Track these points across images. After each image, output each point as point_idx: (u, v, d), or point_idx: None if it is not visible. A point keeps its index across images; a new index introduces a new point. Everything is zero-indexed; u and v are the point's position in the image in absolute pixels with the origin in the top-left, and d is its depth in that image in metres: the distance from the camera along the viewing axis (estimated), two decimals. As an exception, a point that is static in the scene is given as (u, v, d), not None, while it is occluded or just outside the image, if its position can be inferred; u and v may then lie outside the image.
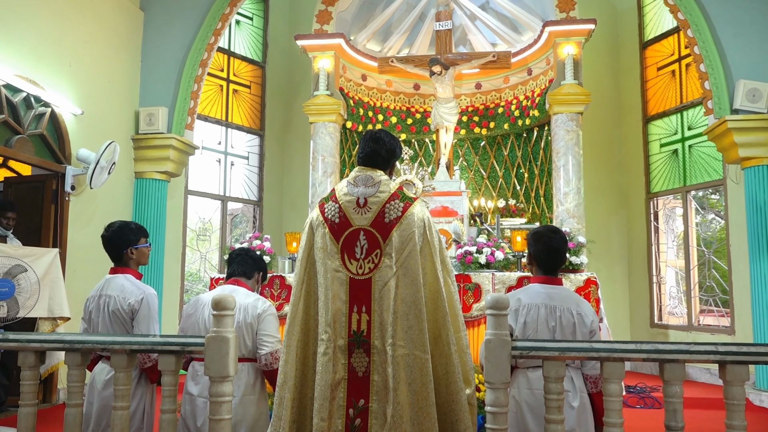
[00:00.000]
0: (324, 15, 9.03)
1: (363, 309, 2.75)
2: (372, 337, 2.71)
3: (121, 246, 3.26)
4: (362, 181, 2.89)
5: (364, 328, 2.73)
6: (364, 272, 2.77)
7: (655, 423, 5.47)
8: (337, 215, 2.85)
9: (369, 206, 2.83)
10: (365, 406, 2.67)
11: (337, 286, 2.76)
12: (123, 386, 2.52)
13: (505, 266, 5.70)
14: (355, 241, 2.80)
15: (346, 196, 2.88)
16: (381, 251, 2.77)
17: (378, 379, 2.68)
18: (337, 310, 2.74)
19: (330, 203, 2.90)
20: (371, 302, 2.75)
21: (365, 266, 2.78)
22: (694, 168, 8.39)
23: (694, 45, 7.22)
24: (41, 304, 5.54)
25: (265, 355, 3.09)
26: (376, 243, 2.79)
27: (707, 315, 8.27)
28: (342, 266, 2.78)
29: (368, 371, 2.70)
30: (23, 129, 5.99)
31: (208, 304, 3.12)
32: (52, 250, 5.85)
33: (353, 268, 2.78)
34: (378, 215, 2.81)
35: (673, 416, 2.23)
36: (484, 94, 9.86)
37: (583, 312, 2.81)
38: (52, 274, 5.68)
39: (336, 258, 2.80)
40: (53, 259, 5.72)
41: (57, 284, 5.72)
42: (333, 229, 2.83)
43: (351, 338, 2.73)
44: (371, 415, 2.66)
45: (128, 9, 7.71)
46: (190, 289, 9.08)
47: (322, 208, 2.92)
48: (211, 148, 9.44)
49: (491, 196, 9.70)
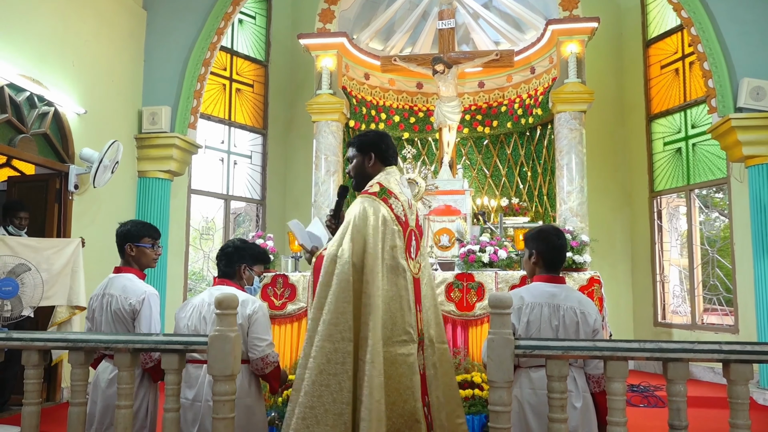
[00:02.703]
0: (327, 14, 9.03)
1: (418, 307, 2.90)
2: (424, 334, 2.90)
3: (121, 240, 3.26)
4: (404, 182, 3.07)
5: (420, 326, 2.89)
6: (415, 272, 2.93)
7: (659, 422, 5.46)
8: (402, 214, 2.92)
9: (412, 207, 3.00)
10: (428, 401, 2.82)
11: (410, 287, 2.86)
12: (126, 385, 2.52)
13: (508, 265, 5.69)
14: (411, 241, 2.94)
15: (401, 195, 2.96)
16: (421, 251, 2.99)
17: (431, 373, 2.87)
18: (414, 310, 2.85)
19: (394, 200, 2.89)
20: (421, 300, 2.93)
21: (416, 266, 2.94)
22: (698, 166, 8.37)
23: (698, 43, 7.19)
24: (61, 292, 5.77)
25: (256, 359, 2.97)
26: (419, 243, 2.99)
27: (711, 314, 8.26)
28: (408, 266, 2.88)
29: (424, 366, 2.86)
30: (27, 128, 6.01)
31: (196, 307, 3.07)
32: (74, 240, 6.00)
33: (412, 267, 2.91)
34: (417, 216, 3.02)
35: (677, 415, 2.23)
36: (487, 93, 9.85)
37: (587, 311, 2.80)
38: (73, 263, 5.85)
39: (405, 258, 2.88)
40: (75, 249, 5.89)
41: (77, 274, 5.87)
42: (402, 228, 2.89)
43: (419, 336, 2.87)
44: (432, 408, 2.83)
45: (131, 8, 7.72)
46: (193, 288, 9.10)
47: (388, 203, 2.86)
48: (214, 147, 9.45)
49: (494, 194, 9.69)
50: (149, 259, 3.33)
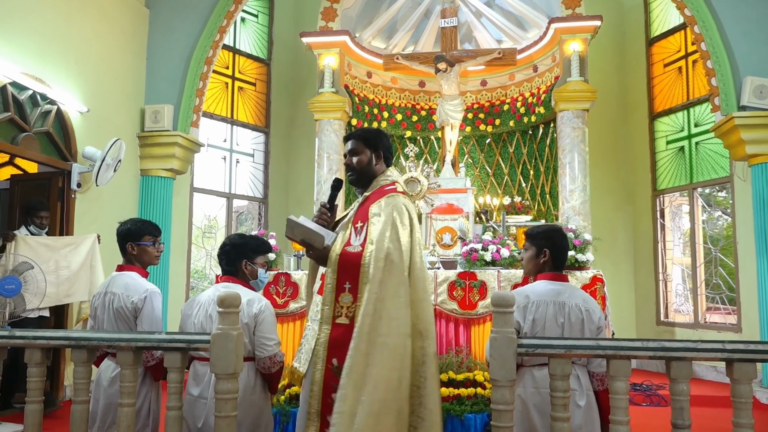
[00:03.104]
0: (329, 12, 9.02)
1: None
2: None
3: (122, 240, 3.27)
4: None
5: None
6: None
7: (662, 421, 5.46)
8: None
9: None
10: None
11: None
12: (129, 383, 2.52)
13: (510, 263, 5.68)
14: None
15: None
16: None
17: None
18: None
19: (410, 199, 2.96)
20: None
21: None
22: (701, 165, 8.36)
23: (701, 41, 7.18)
24: (83, 288, 5.88)
25: (264, 358, 3.00)
26: None
27: (714, 313, 8.24)
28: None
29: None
30: (29, 127, 6.01)
31: (203, 305, 3.08)
32: (90, 236, 6.10)
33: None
34: None
35: (680, 414, 2.22)
36: (490, 91, 9.83)
37: (591, 308, 2.81)
38: (91, 259, 5.97)
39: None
40: (92, 245, 6.01)
41: (96, 269, 5.97)
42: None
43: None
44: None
45: (134, 7, 7.72)
46: (195, 287, 9.11)
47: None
48: (217, 146, 9.45)
49: (497, 193, 9.68)
50: (151, 257, 3.33)
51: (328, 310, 2.69)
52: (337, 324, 2.67)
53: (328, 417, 2.55)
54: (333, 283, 2.69)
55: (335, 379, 2.54)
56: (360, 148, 2.98)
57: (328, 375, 2.62)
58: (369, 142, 2.99)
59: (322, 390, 2.62)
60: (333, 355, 2.63)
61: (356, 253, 2.70)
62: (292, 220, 2.77)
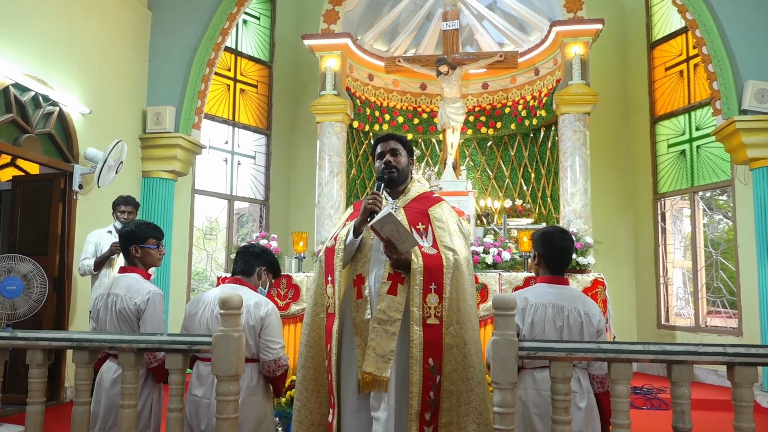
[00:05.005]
0: (331, 15, 9.03)
1: None
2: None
3: (126, 242, 3.27)
4: None
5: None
6: None
7: (663, 424, 5.46)
8: None
9: None
10: None
11: None
12: (130, 385, 2.53)
13: (511, 266, 5.69)
14: None
15: None
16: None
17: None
18: None
19: None
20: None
21: None
22: (702, 169, 8.36)
23: (703, 45, 7.18)
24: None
25: (269, 362, 3.02)
26: None
27: (714, 316, 8.24)
28: None
29: None
30: (31, 128, 6.02)
31: (209, 304, 3.10)
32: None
33: None
34: None
35: (681, 418, 2.22)
36: (491, 94, 9.84)
37: (591, 312, 2.81)
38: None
39: None
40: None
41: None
42: None
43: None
44: None
45: (136, 8, 7.73)
46: (196, 288, 9.11)
47: None
48: (218, 148, 9.47)
49: (498, 196, 9.68)
50: (154, 259, 3.34)
51: (418, 312, 2.80)
52: (428, 324, 2.81)
53: (426, 415, 2.75)
54: (420, 285, 2.81)
55: (432, 378, 2.76)
56: (402, 150, 3.13)
57: (426, 375, 2.77)
58: (407, 147, 3.18)
59: (422, 391, 2.76)
60: (429, 355, 2.79)
61: (437, 255, 2.89)
62: (392, 216, 2.72)
